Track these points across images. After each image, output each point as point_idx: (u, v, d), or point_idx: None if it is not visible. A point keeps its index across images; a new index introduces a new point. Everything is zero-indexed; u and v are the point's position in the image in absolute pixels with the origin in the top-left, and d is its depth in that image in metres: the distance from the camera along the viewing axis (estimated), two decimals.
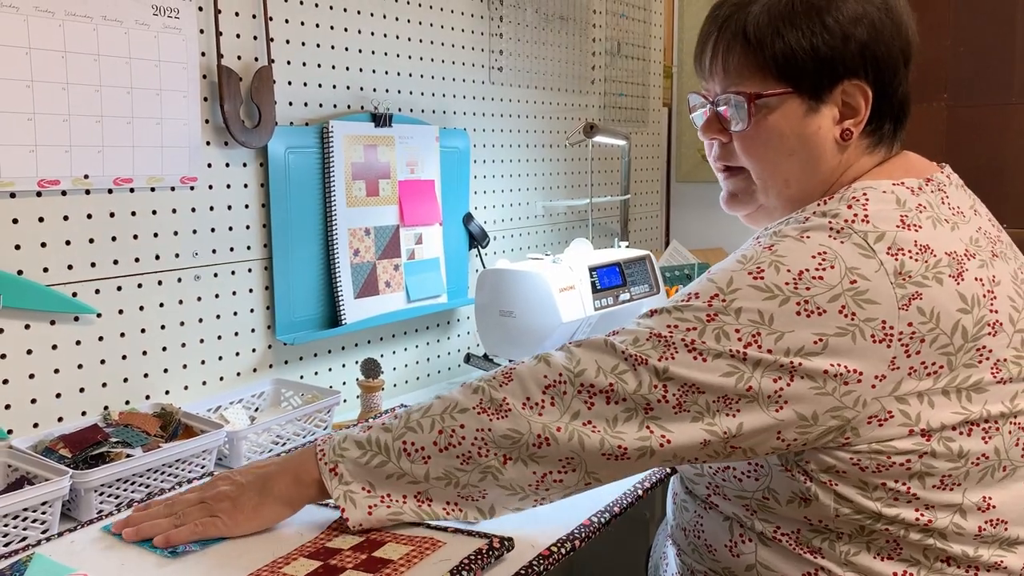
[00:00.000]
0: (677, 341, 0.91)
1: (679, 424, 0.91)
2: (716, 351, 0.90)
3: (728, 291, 0.92)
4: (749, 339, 0.90)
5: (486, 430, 0.97)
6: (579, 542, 1.13)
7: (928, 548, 0.94)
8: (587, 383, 0.93)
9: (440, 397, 1.02)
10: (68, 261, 1.35)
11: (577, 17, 2.42)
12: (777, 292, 0.90)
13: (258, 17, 1.57)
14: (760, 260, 0.93)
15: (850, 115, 1.00)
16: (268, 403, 1.62)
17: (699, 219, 3.03)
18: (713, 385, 0.90)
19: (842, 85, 0.99)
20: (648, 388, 0.91)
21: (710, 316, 0.91)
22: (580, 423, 0.93)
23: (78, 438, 1.28)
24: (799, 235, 0.94)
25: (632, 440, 0.92)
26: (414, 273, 1.88)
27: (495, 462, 0.98)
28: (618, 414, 0.92)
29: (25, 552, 1.08)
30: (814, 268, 0.91)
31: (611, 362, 0.93)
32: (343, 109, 1.76)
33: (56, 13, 1.28)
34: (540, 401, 0.94)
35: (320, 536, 1.11)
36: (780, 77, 0.99)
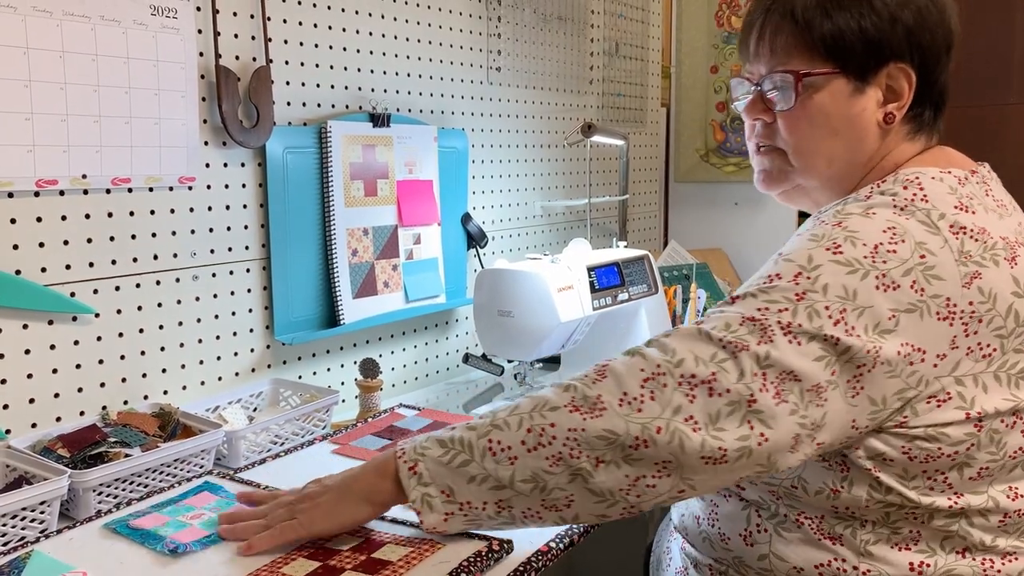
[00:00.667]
0: (772, 323, 0.89)
1: (777, 418, 0.88)
2: (810, 333, 0.88)
3: (810, 268, 0.91)
4: (838, 315, 0.89)
5: (579, 430, 0.90)
6: (578, 538, 1.13)
7: (949, 536, 0.95)
8: (687, 374, 0.88)
9: (529, 395, 0.96)
10: (66, 261, 1.35)
11: (575, 17, 2.42)
12: (857, 266, 0.90)
13: (256, 17, 1.57)
14: (834, 236, 0.93)
15: (893, 99, 1.03)
16: (266, 403, 1.62)
17: (698, 219, 3.03)
18: (807, 372, 0.88)
19: (887, 68, 1.01)
20: (750, 376, 0.87)
21: (799, 295, 0.90)
22: (681, 419, 0.87)
23: (76, 438, 1.28)
24: (864, 211, 0.95)
25: (732, 440, 0.88)
26: (412, 273, 1.88)
27: (587, 464, 0.90)
28: (720, 408, 0.87)
29: (24, 550, 1.07)
30: (887, 241, 0.91)
31: (709, 351, 0.89)
32: (341, 109, 1.76)
33: (54, 13, 1.28)
34: (639, 396, 0.89)
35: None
36: (828, 57, 1.01)
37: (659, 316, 1.94)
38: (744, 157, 2.90)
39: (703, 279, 2.50)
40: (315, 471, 1.35)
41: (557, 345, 1.78)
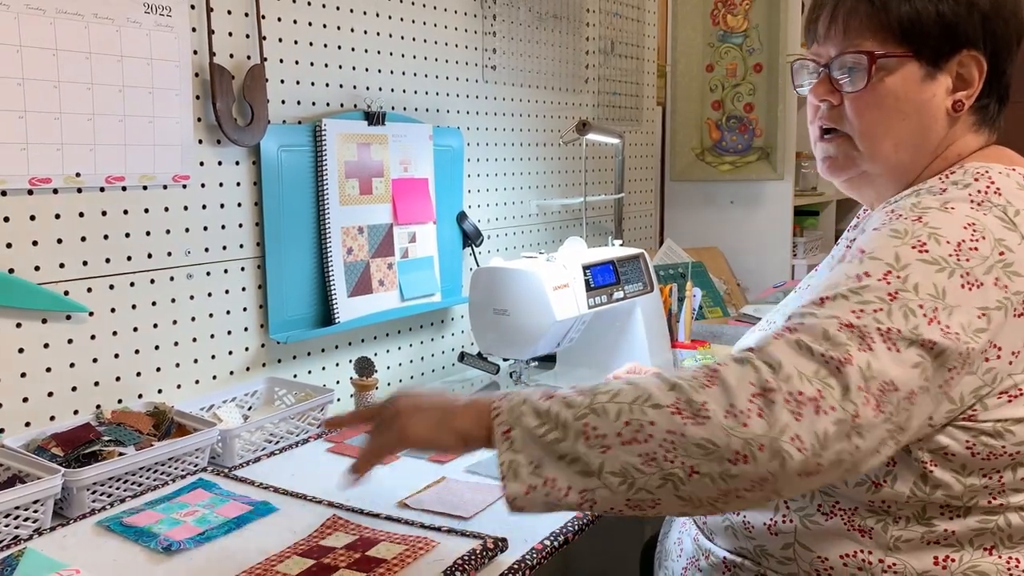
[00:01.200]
0: (871, 328, 0.85)
1: (874, 428, 0.84)
2: (908, 338, 0.85)
3: (900, 267, 0.89)
4: (932, 315, 0.86)
5: (678, 434, 0.84)
6: (573, 535, 1.13)
7: (980, 533, 0.95)
8: (794, 392, 0.83)
9: (632, 383, 0.89)
10: (60, 259, 1.35)
11: (571, 16, 2.42)
12: (944, 264, 0.89)
13: (250, 15, 1.57)
14: (917, 233, 0.91)
15: (963, 87, 1.02)
16: (261, 402, 1.62)
17: (693, 218, 3.03)
18: (905, 380, 0.85)
19: (960, 55, 1.00)
20: (855, 391, 0.82)
21: (891, 294, 0.87)
22: (787, 438, 0.82)
23: (70, 437, 1.28)
24: (942, 206, 0.93)
25: (831, 456, 0.83)
26: (408, 272, 1.88)
27: (680, 471, 0.85)
28: (827, 427, 0.82)
29: (17, 547, 1.07)
30: (968, 239, 0.90)
31: (811, 367, 0.84)
32: (336, 107, 1.76)
33: (47, 11, 1.28)
34: (746, 410, 0.83)
35: (313, 534, 1.11)
36: (902, 40, 1.00)
37: (655, 314, 1.94)
38: (739, 156, 2.90)
39: (699, 277, 2.51)
40: (310, 470, 1.36)
41: (553, 343, 1.78)
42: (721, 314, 2.54)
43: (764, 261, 2.93)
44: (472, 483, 1.29)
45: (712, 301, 2.56)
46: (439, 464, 1.37)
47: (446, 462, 1.38)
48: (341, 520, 1.15)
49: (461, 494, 1.24)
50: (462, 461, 1.38)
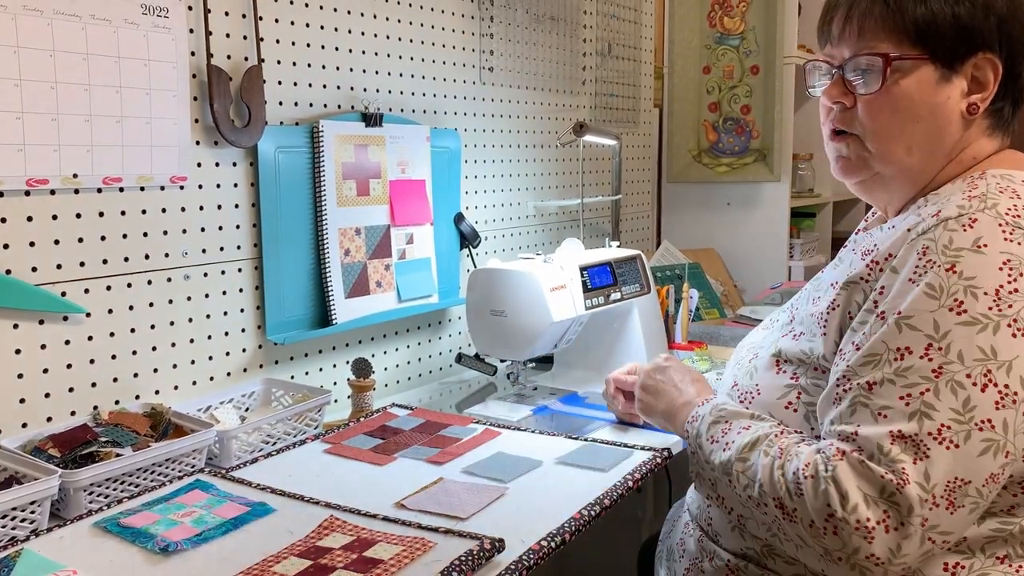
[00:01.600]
0: (923, 435, 0.87)
1: (956, 522, 0.89)
2: (965, 429, 0.87)
3: (939, 337, 0.89)
4: (983, 380, 0.88)
5: (780, 522, 0.97)
6: (569, 536, 1.13)
7: (992, 541, 0.96)
8: (862, 519, 0.88)
9: (769, 455, 0.99)
10: (57, 260, 1.35)
11: (568, 18, 2.42)
12: (986, 321, 0.89)
13: (248, 17, 1.57)
14: (952, 290, 0.90)
15: (978, 90, 1.01)
16: (259, 403, 1.62)
17: (690, 219, 3.04)
18: (977, 471, 0.87)
19: (975, 58, 0.99)
20: (919, 504, 0.87)
21: (936, 371, 0.89)
22: (862, 556, 0.89)
23: (67, 438, 1.28)
24: (973, 245, 0.91)
25: (913, 558, 0.90)
26: (405, 273, 1.88)
27: (790, 545, 0.98)
28: (899, 542, 0.88)
29: (14, 548, 1.07)
30: (1006, 281, 0.89)
31: (875, 489, 0.88)
32: (333, 109, 1.76)
33: (45, 12, 1.28)
34: (822, 528, 0.91)
35: (311, 535, 1.11)
36: (917, 42, 1.00)
37: (652, 316, 1.94)
38: (736, 157, 2.91)
39: (696, 279, 2.51)
40: (307, 471, 1.36)
41: (550, 345, 1.78)
42: (718, 315, 2.54)
43: (761, 263, 2.94)
44: (469, 484, 1.29)
45: (709, 302, 2.57)
46: (436, 465, 1.38)
47: (444, 463, 1.38)
48: (338, 521, 1.15)
49: (458, 495, 1.24)
50: (460, 462, 1.38)
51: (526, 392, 1.83)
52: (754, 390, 1.12)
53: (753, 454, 1.01)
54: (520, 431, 1.55)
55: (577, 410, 1.74)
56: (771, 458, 0.98)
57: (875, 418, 0.91)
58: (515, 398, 1.80)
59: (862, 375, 0.93)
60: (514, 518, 1.17)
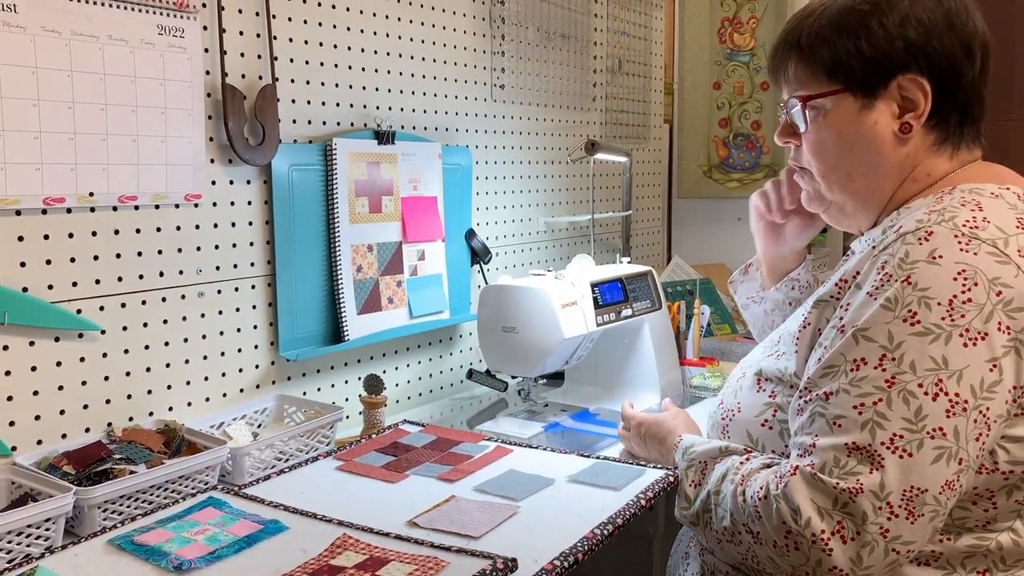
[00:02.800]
0: (876, 445, 0.89)
1: (917, 531, 0.90)
2: (917, 438, 0.89)
3: (893, 347, 0.91)
4: (935, 389, 0.89)
5: (752, 549, 1.00)
6: (582, 555, 1.12)
7: (971, 556, 0.97)
8: (817, 531, 0.90)
9: (734, 484, 1.03)
10: (73, 278, 1.36)
11: (578, 35, 2.44)
12: (938, 331, 0.90)
13: (262, 36, 1.59)
14: (907, 301, 0.92)
15: (910, 108, 1.03)
16: (271, 419, 1.62)
17: (700, 235, 3.04)
18: (933, 478, 0.89)
19: (895, 80, 1.02)
20: (873, 513, 0.89)
21: (889, 381, 0.91)
22: (825, 569, 0.91)
23: (82, 455, 1.28)
24: (929, 256, 0.92)
25: (878, 568, 0.91)
26: (417, 289, 1.89)
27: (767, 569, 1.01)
28: (859, 551, 0.90)
29: (28, 565, 1.08)
30: (959, 292, 0.91)
31: (827, 500, 0.91)
32: (346, 127, 1.77)
33: (63, 33, 1.30)
34: (786, 546, 0.94)
35: (324, 553, 1.11)
36: (831, 79, 1.06)
37: (663, 332, 1.94)
38: (746, 173, 2.91)
39: (707, 294, 2.51)
40: (319, 489, 1.36)
41: (561, 361, 1.78)
42: (729, 331, 2.53)
43: None
44: (482, 502, 1.29)
45: (720, 318, 2.56)
46: (448, 483, 1.38)
47: (456, 481, 1.38)
48: (351, 539, 1.15)
49: (471, 513, 1.24)
50: (472, 480, 1.38)
51: (537, 409, 1.83)
52: (736, 408, 1.16)
53: (723, 485, 1.05)
54: (532, 448, 1.55)
55: (588, 427, 1.74)
56: (735, 485, 1.02)
57: (831, 428, 0.93)
58: (526, 415, 1.80)
59: (821, 386, 0.96)
60: (526, 537, 1.17)
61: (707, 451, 1.13)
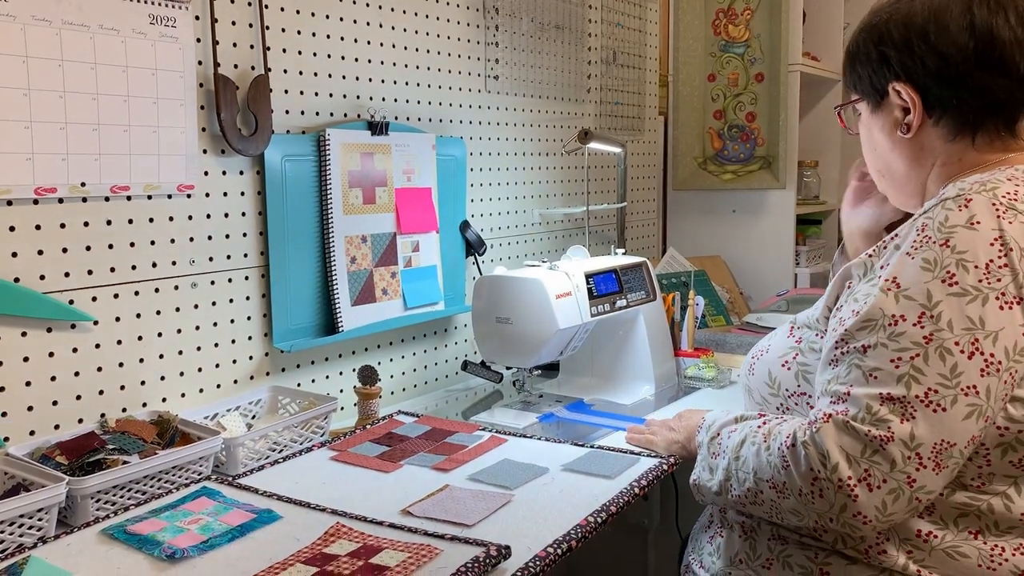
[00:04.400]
0: (910, 397, 0.93)
1: (940, 482, 0.95)
2: (951, 393, 0.93)
3: (932, 306, 0.95)
4: (971, 348, 0.93)
5: (777, 503, 1.04)
6: (576, 543, 1.13)
7: (965, 514, 1.01)
8: (844, 477, 0.94)
9: (755, 441, 1.07)
10: (65, 269, 1.36)
11: (572, 26, 2.43)
12: (976, 292, 0.95)
13: (254, 26, 1.58)
14: (946, 263, 0.96)
15: (909, 111, 1.12)
16: (265, 410, 1.62)
17: (696, 227, 3.04)
18: (961, 433, 0.93)
19: (890, 87, 1.12)
20: (903, 462, 0.93)
21: (927, 338, 0.95)
22: (850, 515, 0.95)
23: (75, 445, 1.28)
24: (967, 223, 0.98)
25: (901, 515, 0.95)
26: (411, 280, 1.89)
27: (789, 522, 1.06)
28: (884, 499, 0.93)
29: (21, 555, 1.07)
30: (996, 256, 0.96)
31: (858, 447, 0.94)
32: (340, 117, 1.77)
33: (53, 22, 1.29)
34: (811, 492, 0.97)
35: (317, 542, 1.11)
36: (854, 91, 1.20)
37: (658, 323, 1.94)
38: (741, 165, 2.91)
39: (701, 286, 2.51)
40: (313, 479, 1.36)
41: (556, 352, 1.78)
42: (724, 322, 2.53)
43: (767, 270, 2.93)
44: (475, 491, 1.29)
45: (715, 310, 2.56)
46: (443, 472, 1.38)
47: (450, 470, 1.38)
48: (344, 528, 1.15)
49: (464, 502, 1.24)
50: (466, 469, 1.38)
51: (532, 399, 1.83)
52: (765, 348, 1.24)
53: (743, 449, 1.10)
54: (526, 438, 1.55)
55: (583, 417, 1.74)
56: (756, 446, 1.07)
57: (867, 379, 0.97)
58: (521, 405, 1.80)
59: (858, 339, 0.99)
60: (520, 525, 1.17)
61: (724, 423, 1.18)
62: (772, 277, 2.93)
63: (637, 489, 1.29)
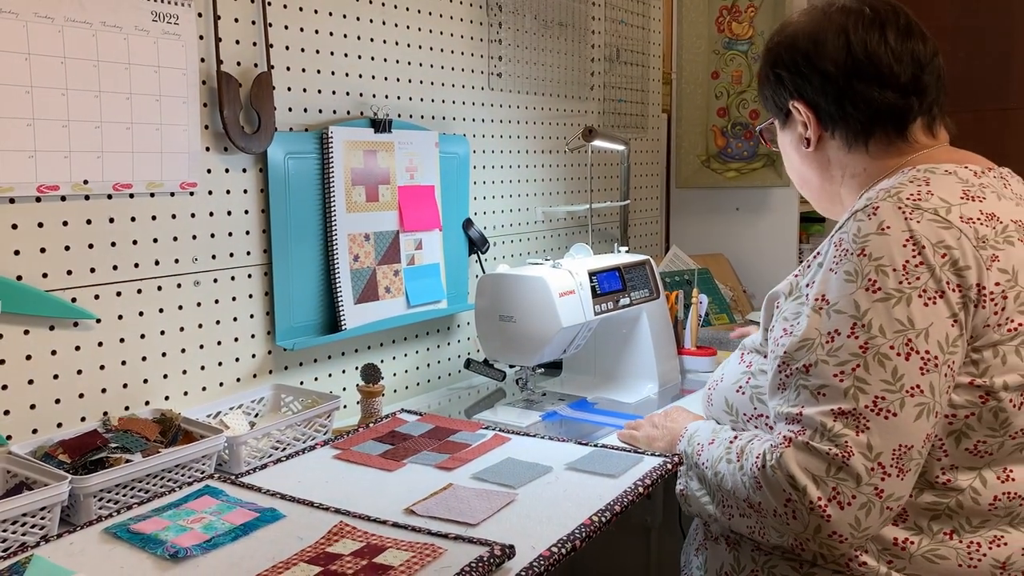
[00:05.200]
0: (860, 407, 0.95)
1: (906, 486, 0.96)
2: (897, 397, 0.94)
3: (861, 316, 0.98)
4: (906, 349, 0.96)
5: (756, 522, 1.06)
6: (580, 542, 1.12)
7: (937, 516, 1.01)
8: (814, 498, 0.95)
9: (730, 464, 1.09)
10: (67, 266, 1.35)
11: (576, 24, 2.42)
12: (899, 294, 0.97)
13: (257, 23, 1.58)
14: (865, 271, 0.99)
15: (807, 126, 1.19)
16: (268, 408, 1.62)
17: (699, 225, 3.03)
18: (916, 434, 0.95)
19: (788, 105, 1.19)
20: (867, 475, 0.94)
21: (863, 347, 0.97)
22: (825, 535, 0.96)
23: (77, 444, 1.28)
24: (878, 228, 1.00)
25: (876, 527, 0.97)
26: (414, 278, 1.88)
27: (766, 537, 1.06)
28: (856, 514, 0.95)
29: (24, 554, 1.07)
30: (911, 256, 0.98)
31: (820, 466, 0.96)
32: (343, 115, 1.76)
33: (56, 19, 1.29)
34: (785, 513, 0.98)
35: (320, 541, 1.11)
36: (769, 111, 1.27)
37: (661, 321, 1.93)
38: (745, 162, 2.90)
39: (705, 284, 2.50)
40: (317, 477, 1.36)
41: (559, 350, 1.77)
42: (727, 321, 2.53)
43: (770, 268, 2.92)
44: (479, 490, 1.28)
45: (718, 308, 2.56)
46: (446, 471, 1.37)
47: (453, 469, 1.38)
48: (348, 527, 1.15)
49: (468, 501, 1.24)
50: (469, 467, 1.38)
51: (535, 398, 1.83)
52: (720, 378, 1.27)
53: (720, 465, 1.12)
54: (529, 437, 1.54)
55: (586, 416, 1.74)
56: (732, 464, 1.09)
57: (815, 398, 0.99)
58: (524, 404, 1.80)
59: (799, 359, 1.02)
60: (524, 524, 1.17)
61: (703, 437, 1.22)
62: (775, 275, 2.91)
63: (641, 488, 1.28)
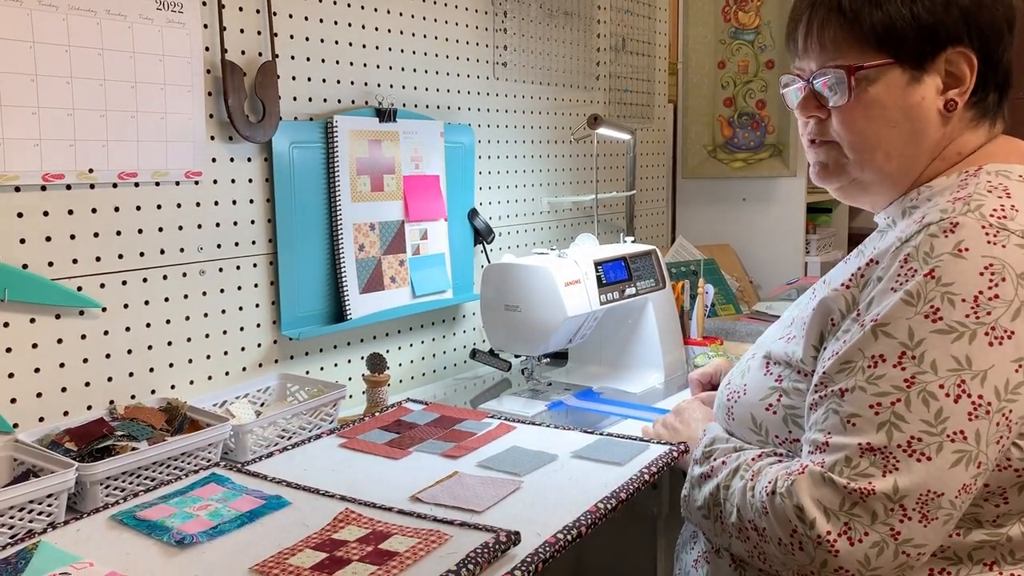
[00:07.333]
0: (892, 447, 0.86)
1: (929, 535, 0.87)
2: (936, 441, 0.85)
3: (913, 345, 0.87)
4: (957, 391, 0.85)
5: (759, 548, 0.98)
6: (585, 529, 1.12)
7: (979, 548, 0.94)
8: (823, 532, 0.88)
9: (744, 481, 1.01)
10: (73, 255, 1.35)
11: (581, 12, 2.41)
12: (962, 329, 0.86)
13: (262, 12, 1.57)
14: (930, 296, 0.87)
15: (954, 84, 0.97)
16: (274, 398, 1.62)
17: (705, 215, 3.02)
18: (950, 483, 0.86)
19: (945, 53, 0.96)
20: (884, 515, 0.86)
21: (908, 381, 0.87)
22: (830, 570, 0.89)
23: (84, 432, 1.28)
24: (955, 249, 0.88)
25: (888, 571, 0.88)
26: (419, 268, 1.88)
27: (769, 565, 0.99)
28: (867, 552, 0.87)
29: (31, 540, 1.07)
30: (986, 288, 0.86)
31: (836, 499, 0.88)
32: (347, 104, 1.76)
33: (60, 7, 1.29)
34: (791, 544, 0.92)
35: (326, 528, 1.11)
36: (880, 48, 0.97)
37: (667, 311, 1.93)
38: (751, 153, 2.89)
39: (711, 274, 2.50)
40: (322, 465, 1.36)
41: (564, 340, 1.77)
42: (734, 311, 2.52)
43: (777, 258, 2.92)
44: (485, 477, 1.28)
45: (724, 298, 2.55)
46: (451, 459, 1.37)
47: (459, 457, 1.38)
48: (354, 514, 1.15)
49: (474, 488, 1.24)
50: (475, 456, 1.38)
51: (541, 388, 1.82)
52: (742, 390, 1.12)
53: (733, 480, 1.03)
54: (535, 425, 1.54)
55: (592, 405, 1.73)
56: (744, 481, 1.00)
57: (844, 427, 0.90)
58: (530, 394, 1.80)
59: (836, 382, 0.92)
60: (529, 511, 1.17)
61: (724, 448, 1.10)
62: (782, 265, 2.91)
63: (647, 476, 1.28)
